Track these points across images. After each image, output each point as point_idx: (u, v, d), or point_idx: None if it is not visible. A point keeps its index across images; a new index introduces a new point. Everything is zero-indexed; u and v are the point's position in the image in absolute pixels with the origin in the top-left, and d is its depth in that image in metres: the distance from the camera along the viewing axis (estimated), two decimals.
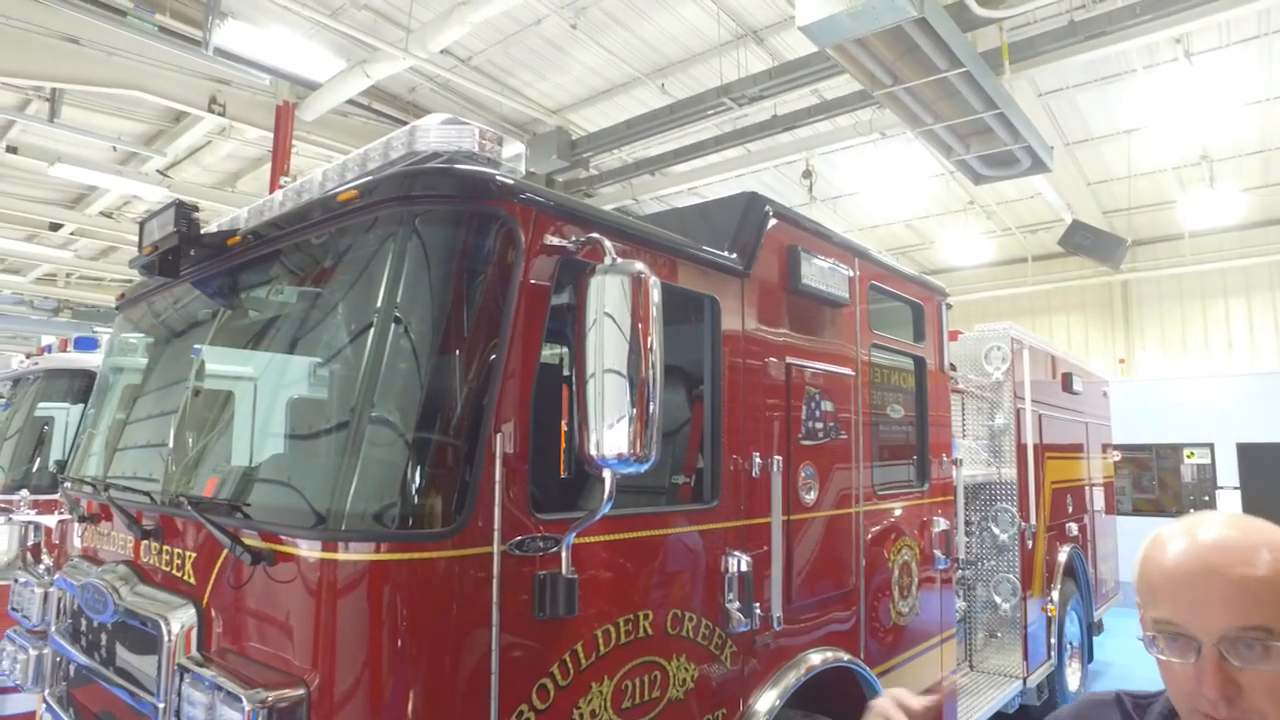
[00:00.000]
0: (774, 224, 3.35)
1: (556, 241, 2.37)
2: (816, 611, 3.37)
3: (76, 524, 3.59)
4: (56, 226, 15.60)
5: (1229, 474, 11.46)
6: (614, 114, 11.09)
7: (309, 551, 2.11)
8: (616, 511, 2.35)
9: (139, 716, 2.57)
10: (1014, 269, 16.94)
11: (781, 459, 3.16)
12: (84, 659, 3.00)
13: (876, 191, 13.78)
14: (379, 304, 2.26)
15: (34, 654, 3.41)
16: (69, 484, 3.73)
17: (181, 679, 2.30)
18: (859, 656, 3.55)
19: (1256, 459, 11.25)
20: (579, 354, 2.16)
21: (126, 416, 3.57)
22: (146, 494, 2.95)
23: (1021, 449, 6.14)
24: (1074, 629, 7.19)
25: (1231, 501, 11.31)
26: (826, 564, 3.46)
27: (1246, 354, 14.68)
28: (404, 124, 2.35)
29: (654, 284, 2.17)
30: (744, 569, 2.90)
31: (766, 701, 2.97)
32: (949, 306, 4.95)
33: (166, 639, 2.43)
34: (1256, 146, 11.87)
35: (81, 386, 5.97)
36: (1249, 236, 14.52)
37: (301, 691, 2.02)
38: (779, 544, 3.09)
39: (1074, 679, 7.11)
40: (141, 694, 2.55)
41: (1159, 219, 14.75)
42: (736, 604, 2.86)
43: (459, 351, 2.18)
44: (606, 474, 2.12)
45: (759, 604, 2.98)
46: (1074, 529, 7.16)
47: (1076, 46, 7.71)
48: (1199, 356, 15.20)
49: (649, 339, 2.12)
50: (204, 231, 2.96)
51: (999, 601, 5.97)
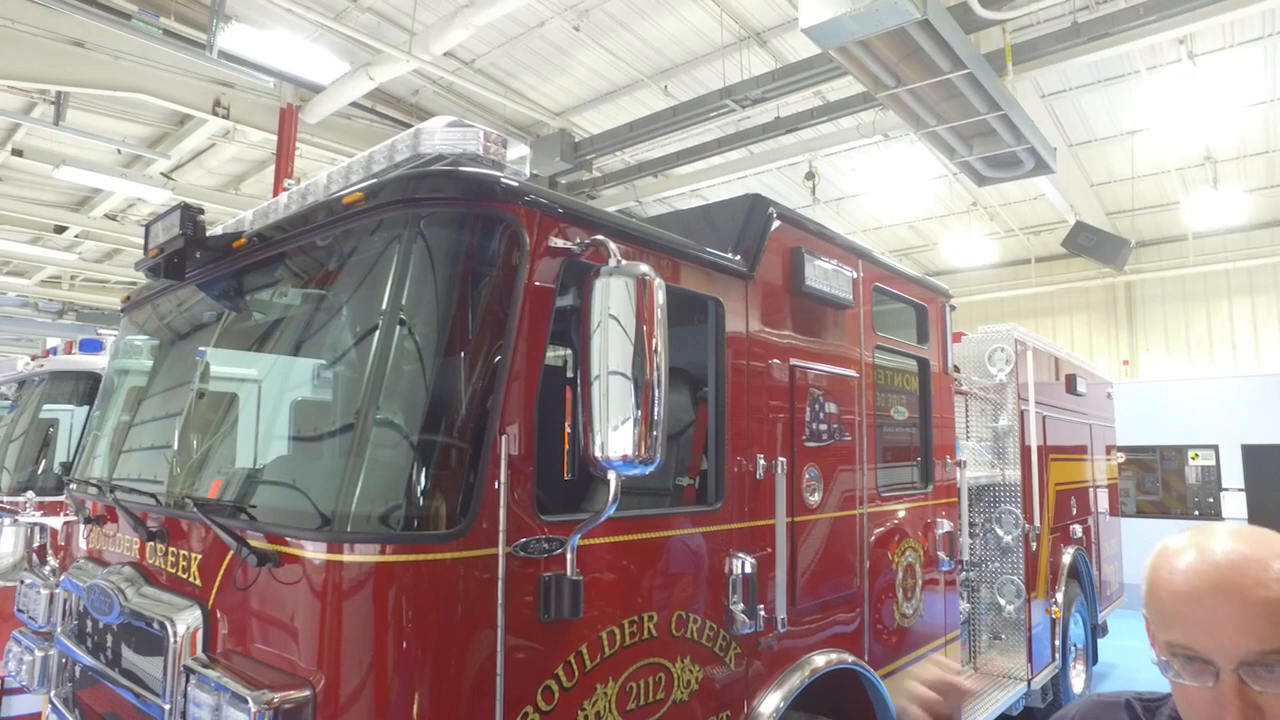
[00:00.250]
0: (778, 226, 3.35)
1: (561, 243, 2.37)
2: (821, 613, 3.36)
3: (82, 526, 3.60)
4: (61, 229, 15.66)
5: (1234, 476, 11.41)
6: (617, 116, 11.10)
7: (314, 553, 2.11)
8: (621, 513, 2.35)
9: (144, 718, 2.58)
10: (1017, 270, 16.92)
11: (786, 461, 3.16)
12: (89, 660, 3.01)
13: (879, 193, 13.76)
14: (384, 306, 2.27)
15: (40, 655, 3.42)
16: (74, 486, 3.74)
17: (187, 680, 2.31)
18: (863, 658, 3.55)
19: (1261, 461, 11.19)
20: (584, 356, 2.16)
21: (132, 418, 3.58)
22: (152, 496, 2.96)
23: (1025, 451, 6.13)
24: (1078, 631, 7.16)
25: (1236, 503, 11.27)
26: (831, 566, 3.45)
27: (1251, 355, 14.64)
28: (407, 126, 2.36)
29: (658, 286, 2.17)
30: (748, 571, 2.90)
31: (771, 703, 2.97)
32: (952, 308, 4.95)
33: (172, 640, 2.43)
34: (1261, 147, 11.85)
35: (86, 389, 5.98)
36: (1253, 238, 14.49)
37: (307, 693, 2.03)
38: (783, 546, 3.09)
39: (1078, 681, 7.09)
40: (147, 695, 2.56)
41: (1163, 220, 14.72)
42: (741, 606, 2.86)
43: (464, 353, 2.18)
44: (611, 476, 2.12)
45: (763, 606, 2.98)
46: (1078, 531, 7.14)
47: (1080, 48, 7.70)
48: (1203, 358, 15.15)
49: (654, 341, 2.12)
50: (209, 234, 2.97)
51: (1003, 603, 5.96)
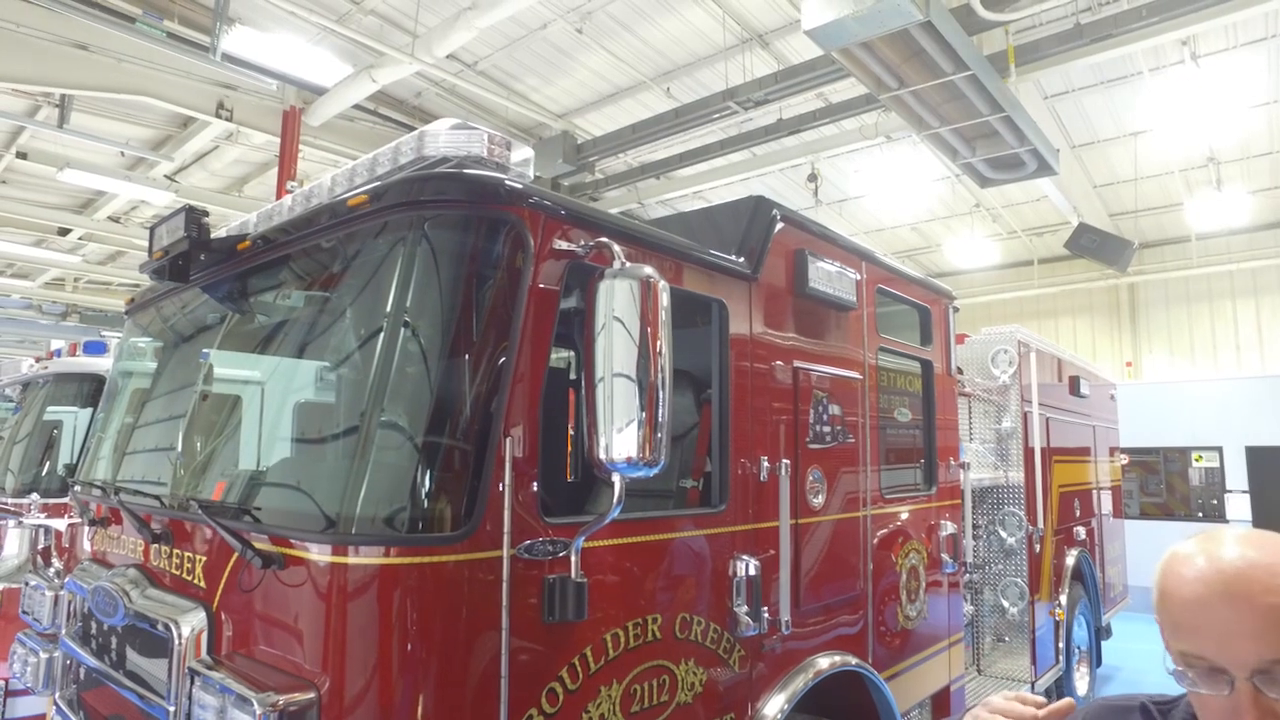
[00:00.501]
0: (781, 228, 3.36)
1: (565, 246, 2.37)
2: (824, 615, 3.36)
3: (87, 528, 3.60)
4: (65, 231, 15.71)
5: (1238, 478, 11.38)
6: (619, 118, 11.11)
7: (319, 555, 2.12)
8: (625, 515, 2.36)
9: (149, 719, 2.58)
10: (1020, 272, 16.90)
11: (789, 463, 3.16)
12: (94, 662, 3.02)
13: (882, 195, 13.75)
14: (388, 308, 2.27)
15: (45, 657, 3.42)
16: (79, 488, 3.74)
17: (192, 682, 2.32)
18: (867, 661, 3.54)
19: (1265, 462, 11.16)
20: (588, 358, 2.16)
21: (136, 420, 3.58)
22: (156, 498, 2.97)
23: (1029, 452, 6.13)
24: (1082, 633, 7.15)
25: (1240, 505, 11.24)
26: (834, 568, 3.45)
27: (1255, 357, 14.60)
28: (410, 129, 2.36)
29: (663, 288, 2.17)
30: (752, 573, 2.90)
31: (774, 706, 2.97)
32: (956, 309, 4.94)
33: (177, 642, 2.44)
34: (1264, 148, 11.82)
35: (90, 390, 5.99)
36: (1257, 239, 14.46)
37: (312, 695, 2.03)
38: (787, 548, 3.09)
39: (1082, 683, 7.07)
40: (152, 697, 2.56)
41: (1166, 221, 14.70)
42: (745, 608, 2.86)
43: (468, 355, 2.18)
44: (615, 478, 2.12)
45: (767, 608, 2.97)
46: (1081, 533, 7.13)
47: (1082, 49, 7.69)
48: (1207, 359, 15.12)
49: (658, 343, 2.12)
50: (214, 236, 2.98)
51: (1006, 605, 5.95)
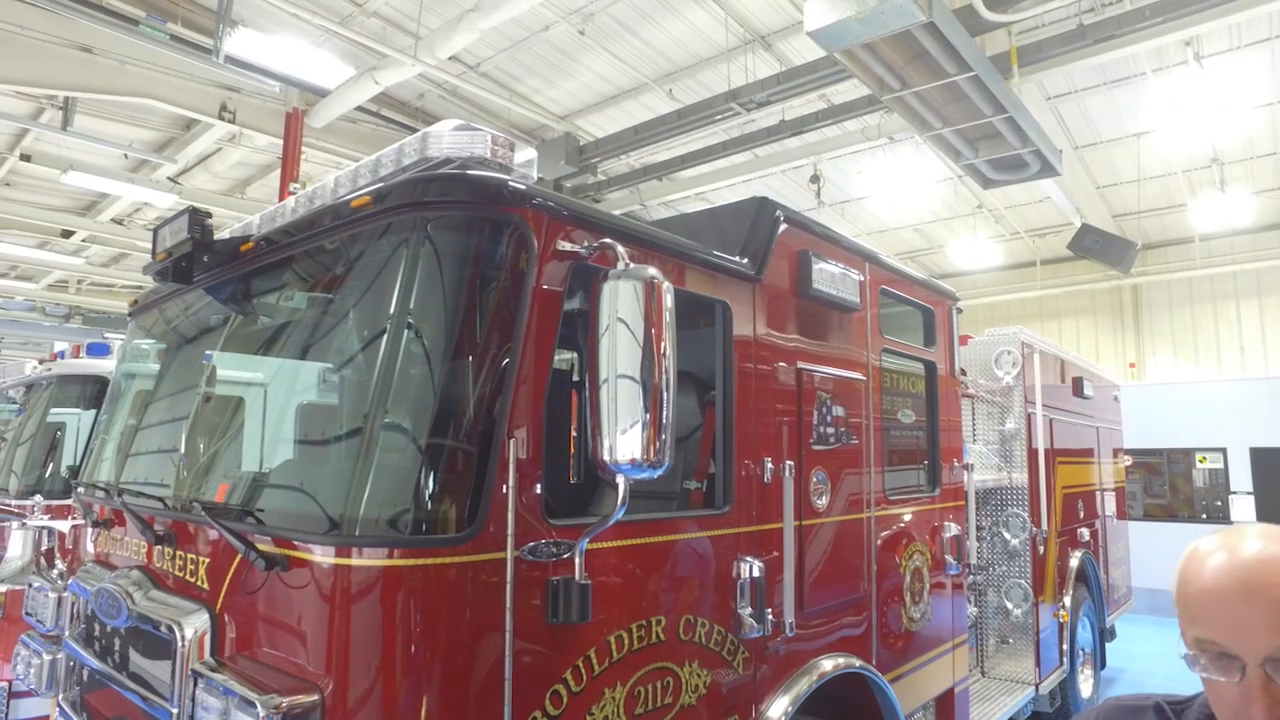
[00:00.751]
0: (785, 229, 3.35)
1: (569, 247, 2.37)
2: (828, 617, 3.35)
3: (90, 529, 3.60)
4: (68, 233, 15.75)
5: (1242, 479, 11.35)
6: (622, 120, 11.11)
7: (323, 557, 2.11)
8: (629, 517, 2.35)
9: None
10: (1023, 273, 16.88)
11: (793, 464, 3.15)
12: (97, 664, 3.02)
13: (885, 196, 13.74)
14: (392, 310, 2.27)
15: (48, 659, 3.42)
16: (82, 489, 3.74)
17: (195, 684, 2.31)
18: (871, 662, 3.53)
19: (1270, 464, 11.13)
20: (592, 359, 2.16)
21: (139, 422, 3.58)
22: (160, 499, 2.97)
23: (1032, 454, 6.11)
24: (1086, 635, 7.13)
25: (1245, 507, 11.20)
26: (838, 569, 3.44)
27: (1259, 358, 14.56)
28: (413, 130, 2.36)
29: (666, 289, 2.17)
30: (756, 574, 2.89)
31: (779, 708, 2.96)
32: (959, 311, 4.93)
33: (180, 644, 2.43)
34: (1268, 149, 11.80)
35: (94, 392, 5.99)
36: (1260, 239, 14.43)
37: (315, 697, 2.03)
38: (791, 549, 3.08)
39: (1086, 685, 7.05)
40: (155, 699, 2.56)
41: (1169, 222, 14.67)
42: (749, 610, 2.85)
43: (472, 357, 2.18)
44: (620, 479, 2.12)
45: (771, 610, 2.96)
46: (1085, 534, 7.11)
47: (1085, 50, 7.68)
48: (1210, 360, 15.08)
49: (662, 344, 2.12)
50: (217, 238, 2.98)
51: (1010, 607, 5.94)
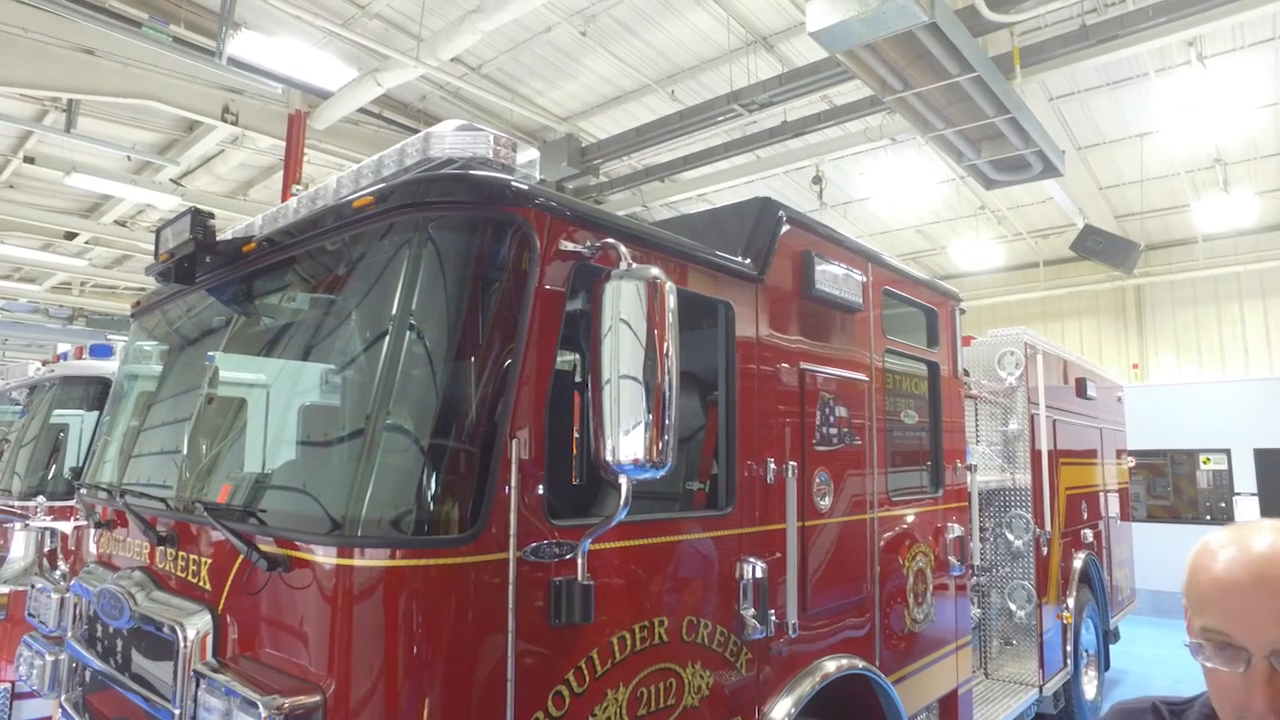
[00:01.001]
0: (787, 229, 3.34)
1: (571, 247, 2.37)
2: (831, 618, 3.34)
3: (92, 530, 3.61)
4: (72, 235, 15.78)
5: (1246, 480, 11.32)
6: (624, 121, 11.11)
7: (325, 557, 2.11)
8: (632, 518, 2.34)
9: None
10: (1026, 274, 16.85)
11: (796, 465, 3.14)
12: (100, 665, 3.02)
13: (887, 197, 13.73)
14: (394, 310, 2.26)
15: (50, 659, 3.42)
16: (85, 490, 3.75)
17: (197, 685, 2.31)
18: (874, 664, 3.52)
19: (1274, 465, 11.09)
20: (594, 360, 2.15)
21: (142, 423, 3.58)
22: (162, 500, 2.97)
23: (1036, 455, 6.10)
24: (1090, 637, 7.11)
25: (1249, 508, 11.17)
26: (841, 570, 3.43)
27: (1263, 359, 14.52)
28: (415, 132, 2.35)
29: (669, 289, 2.16)
30: (759, 575, 2.88)
31: (782, 709, 2.95)
32: (962, 311, 4.93)
33: (182, 645, 2.43)
34: (1271, 149, 11.76)
35: (97, 393, 6.00)
36: (1264, 240, 14.39)
37: (317, 698, 2.02)
38: (794, 550, 3.07)
39: (1090, 687, 7.03)
40: (157, 700, 2.56)
41: (1172, 223, 14.64)
42: (752, 611, 2.84)
43: (474, 357, 2.17)
44: (622, 480, 2.11)
45: (774, 611, 2.96)
46: (1089, 535, 7.09)
47: (1088, 50, 7.66)
48: (1214, 362, 15.04)
49: (665, 344, 2.11)
50: (219, 239, 2.98)
51: (1014, 609, 5.92)
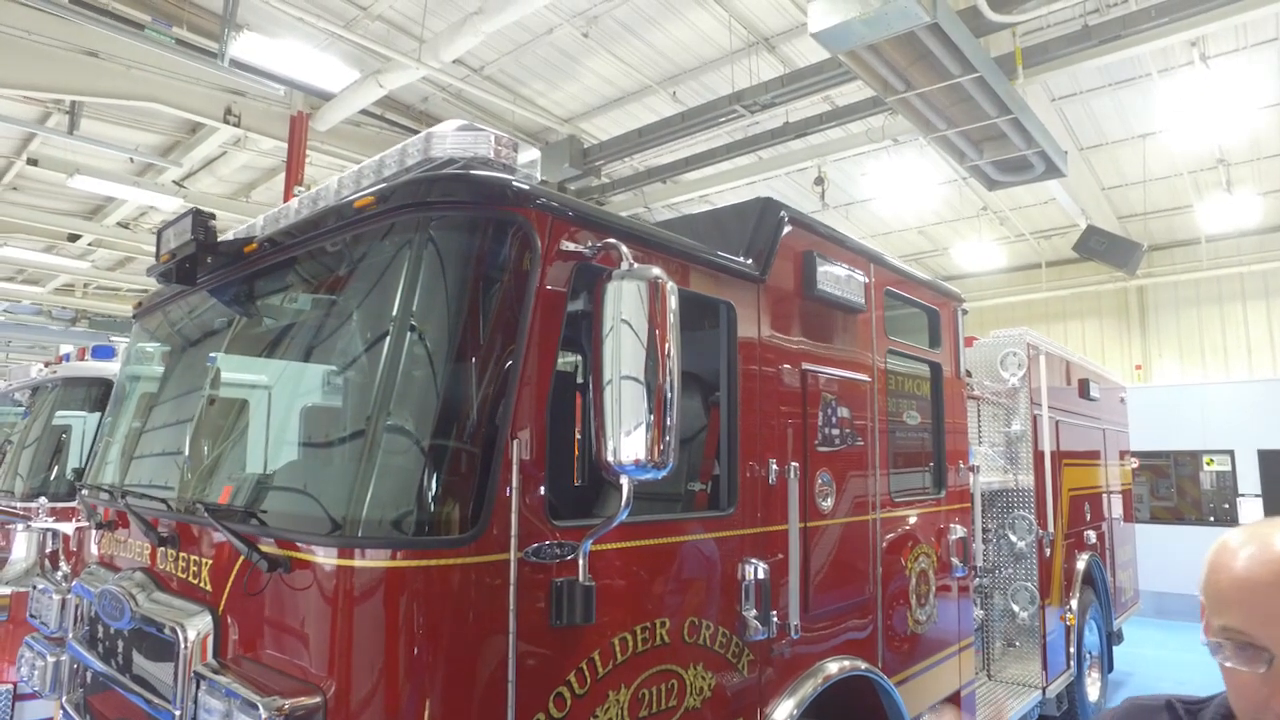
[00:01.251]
0: (789, 230, 3.34)
1: (572, 247, 2.36)
2: (833, 620, 3.33)
3: (94, 531, 3.61)
4: (75, 237, 15.80)
5: (1250, 481, 11.29)
6: (626, 122, 11.12)
7: (325, 558, 2.10)
8: (633, 518, 2.33)
9: None
10: (1029, 275, 16.82)
11: (798, 466, 3.14)
12: (101, 666, 3.01)
13: (889, 198, 13.72)
14: (395, 310, 2.26)
15: (52, 660, 3.42)
16: (86, 491, 3.75)
17: (198, 686, 2.30)
18: (876, 665, 3.51)
19: (1278, 466, 11.07)
20: (596, 360, 2.15)
21: (143, 424, 3.58)
22: (163, 501, 2.97)
23: (1039, 456, 6.08)
24: (1093, 638, 7.09)
25: (1253, 509, 11.13)
26: (843, 572, 3.42)
27: (1267, 359, 14.49)
28: (417, 134, 2.35)
29: (671, 289, 2.16)
30: (761, 576, 2.88)
31: (784, 711, 2.94)
32: (964, 312, 4.91)
33: (183, 646, 2.43)
34: (1275, 150, 11.73)
35: (99, 395, 6.01)
36: (1267, 240, 14.36)
37: (318, 699, 2.02)
38: (796, 551, 3.06)
39: (1093, 689, 7.00)
40: (158, 701, 2.56)
41: (1175, 223, 14.61)
42: (754, 612, 2.83)
43: (475, 358, 2.17)
44: (624, 480, 2.10)
45: (776, 612, 2.95)
46: (1092, 537, 7.07)
47: (1090, 51, 7.65)
48: (1217, 362, 15.00)
49: (666, 345, 2.10)
50: (221, 239, 2.98)
51: (1017, 610, 5.90)
